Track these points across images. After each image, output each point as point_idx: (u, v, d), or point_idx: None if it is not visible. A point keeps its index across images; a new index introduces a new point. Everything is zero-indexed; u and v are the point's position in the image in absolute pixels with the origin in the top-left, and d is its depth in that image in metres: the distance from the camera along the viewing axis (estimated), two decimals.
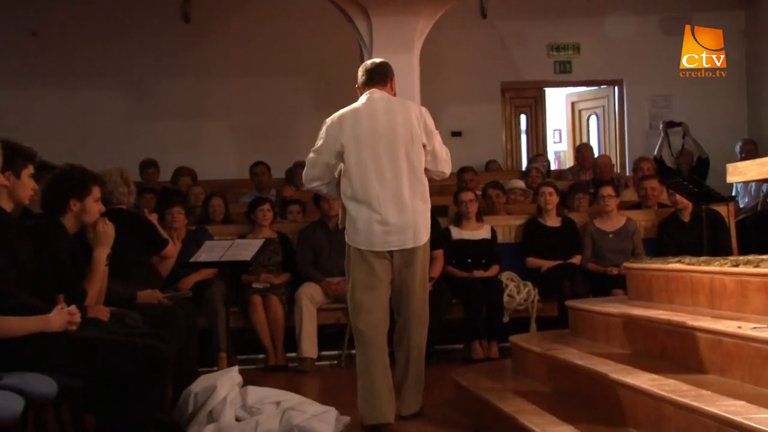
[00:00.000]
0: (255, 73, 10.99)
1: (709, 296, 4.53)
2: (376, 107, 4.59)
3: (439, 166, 4.69)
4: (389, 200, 4.51)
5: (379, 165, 4.52)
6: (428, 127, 4.62)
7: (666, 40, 11.26)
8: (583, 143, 11.33)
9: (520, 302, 6.98)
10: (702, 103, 11.12)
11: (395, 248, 4.55)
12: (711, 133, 10.73)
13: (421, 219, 4.58)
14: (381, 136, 4.53)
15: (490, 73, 11.27)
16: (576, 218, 7.54)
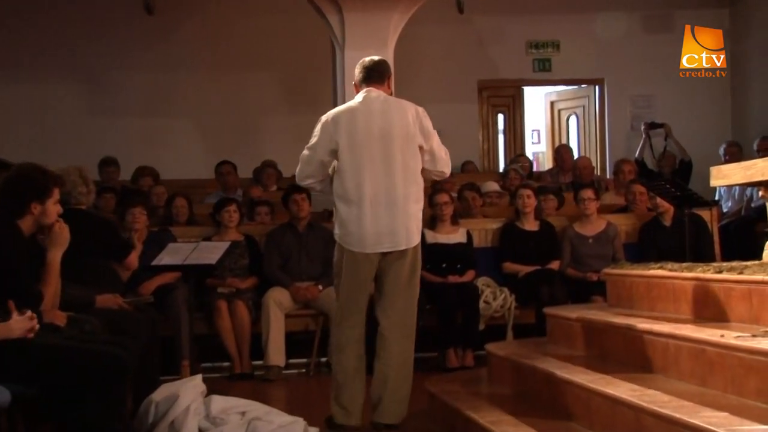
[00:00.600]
0: (222, 68, 10.95)
1: (691, 304, 4.57)
2: (373, 107, 4.67)
3: (438, 166, 4.74)
4: (382, 201, 4.59)
5: (372, 165, 4.59)
6: (425, 127, 4.67)
7: (648, 39, 11.37)
8: (562, 144, 11.39)
9: (497, 309, 7.00)
10: (685, 104, 11.22)
11: (386, 250, 4.61)
12: (694, 134, 10.83)
13: (413, 221, 4.65)
14: (376, 136, 4.61)
15: (467, 71, 11.31)
16: (555, 222, 7.58)
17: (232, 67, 10.93)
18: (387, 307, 4.69)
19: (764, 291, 3.99)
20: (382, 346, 4.69)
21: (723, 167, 5.23)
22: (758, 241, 7.43)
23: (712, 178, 5.24)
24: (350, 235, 4.64)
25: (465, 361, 6.70)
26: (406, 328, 4.71)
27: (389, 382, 4.65)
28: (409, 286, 4.70)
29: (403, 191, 4.60)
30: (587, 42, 11.36)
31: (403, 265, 4.65)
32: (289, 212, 7.23)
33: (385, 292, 4.69)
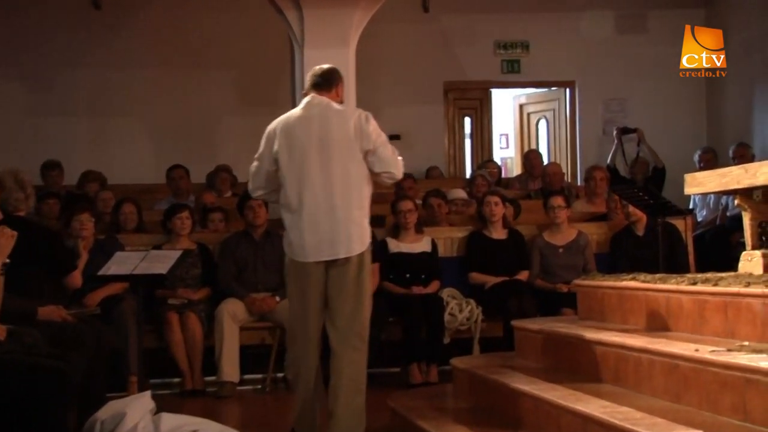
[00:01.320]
0: (174, 67, 10.89)
1: (664, 317, 4.62)
2: (312, 113, 4.83)
3: (384, 166, 4.81)
4: (321, 209, 4.73)
5: (311, 173, 4.75)
6: (366, 130, 4.79)
7: (622, 40, 11.48)
8: (531, 149, 11.46)
9: (463, 321, 7.02)
10: (658, 108, 11.34)
11: (327, 258, 4.74)
12: (668, 140, 10.93)
13: (355, 228, 4.76)
14: (314, 144, 4.77)
15: (432, 72, 11.34)
16: (524, 231, 7.62)
17: (185, 65, 10.88)
18: (334, 318, 4.77)
19: (740, 303, 4.05)
20: (332, 359, 4.77)
21: (698, 174, 5.29)
22: (734, 251, 7.53)
23: (686, 186, 5.30)
24: (292, 245, 4.82)
25: (429, 376, 6.71)
26: (355, 340, 4.76)
27: (341, 395, 4.70)
28: (356, 295, 4.77)
29: (342, 198, 4.74)
30: (558, 43, 11.45)
31: (347, 275, 4.75)
32: (244, 219, 7.20)
33: (331, 303, 4.78)
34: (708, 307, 4.27)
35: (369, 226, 4.87)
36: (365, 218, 4.81)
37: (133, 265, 5.98)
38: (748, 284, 4.09)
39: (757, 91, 10.31)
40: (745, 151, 9.24)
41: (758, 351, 3.68)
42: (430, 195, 8.03)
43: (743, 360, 3.51)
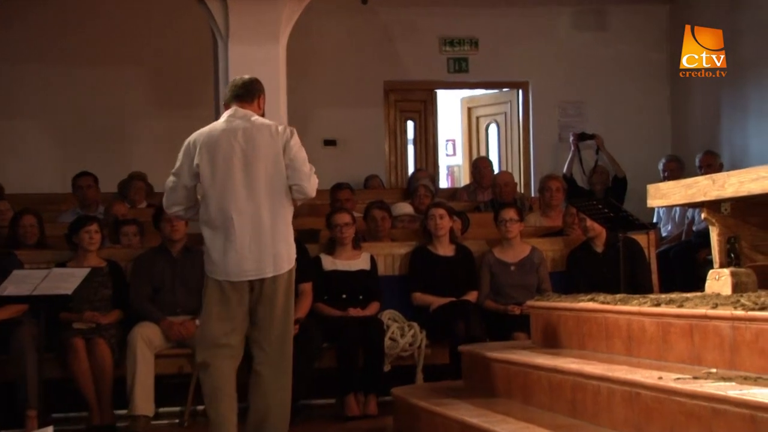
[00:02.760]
0: (79, 61, 10.76)
1: (626, 341, 4.67)
2: (236, 126, 5.10)
3: (296, 178, 5.04)
4: (246, 225, 4.99)
5: (234, 188, 5.02)
6: (288, 144, 5.06)
7: (579, 37, 11.63)
8: (480, 157, 11.53)
9: (405, 347, 7.03)
10: (619, 113, 11.49)
11: (252, 278, 4.98)
12: (629, 147, 11.09)
13: (282, 246, 5.02)
14: (239, 158, 5.04)
15: (372, 71, 11.37)
16: (472, 246, 7.66)
17: (93, 60, 10.76)
18: (261, 340, 5.00)
19: (707, 327, 4.11)
20: (257, 383, 4.95)
21: (662, 185, 5.37)
22: (700, 269, 7.66)
23: (649, 198, 5.38)
24: (214, 263, 5.05)
25: (368, 408, 6.70)
26: (284, 363, 5.00)
27: (267, 423, 4.88)
28: (284, 316, 5.02)
29: (269, 215, 5.01)
30: (509, 40, 11.55)
31: (275, 295, 4.99)
32: (161, 233, 7.13)
33: (258, 324, 5.00)
34: (672, 330, 4.33)
35: (293, 240, 5.10)
36: (290, 235, 5.06)
37: (33, 285, 5.89)
38: (715, 306, 4.16)
39: (724, 95, 10.50)
40: (712, 160, 9.39)
41: (726, 379, 3.75)
42: (372, 207, 8.03)
43: (710, 389, 3.56)
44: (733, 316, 3.97)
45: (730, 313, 4.00)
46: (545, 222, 8.80)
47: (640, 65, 11.62)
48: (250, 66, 7.45)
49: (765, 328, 3.80)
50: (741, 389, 3.51)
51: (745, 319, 3.92)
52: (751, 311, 3.92)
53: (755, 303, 4.04)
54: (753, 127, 9.96)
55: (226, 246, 5.00)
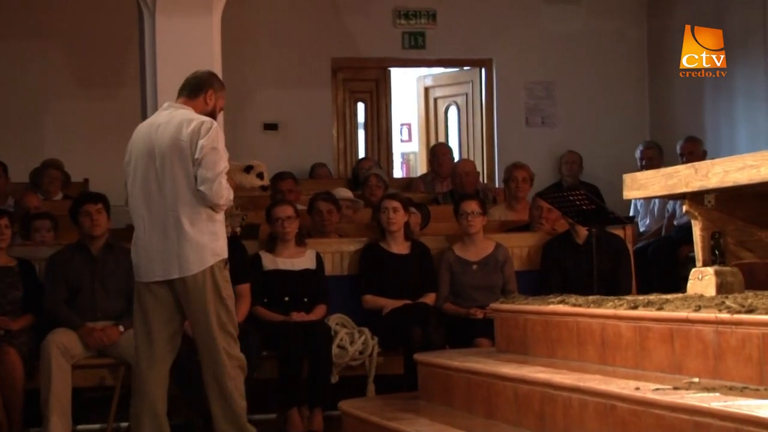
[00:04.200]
0: None
1: (599, 348, 4.70)
2: (158, 121, 5.48)
3: (200, 182, 5.29)
4: (154, 224, 5.39)
5: (147, 184, 5.41)
6: (198, 142, 5.32)
7: (548, 11, 11.67)
8: (439, 143, 11.55)
9: (354, 355, 7.02)
10: (592, 94, 11.56)
11: (159, 279, 5.39)
12: (603, 133, 11.18)
13: (188, 247, 5.32)
14: (152, 153, 5.41)
15: (318, 47, 11.34)
16: (430, 243, 7.66)
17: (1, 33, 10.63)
18: (197, 347, 5.42)
19: (689, 332, 4.14)
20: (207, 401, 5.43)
21: (639, 175, 5.41)
22: (682, 268, 7.74)
23: (625, 189, 5.41)
24: (133, 264, 5.52)
25: (313, 424, 6.69)
26: (216, 367, 5.35)
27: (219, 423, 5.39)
28: (204, 320, 5.34)
29: (174, 213, 5.34)
30: (470, 13, 11.58)
31: (189, 298, 5.36)
32: (79, 229, 7.07)
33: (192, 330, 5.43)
34: (651, 336, 4.36)
35: (218, 240, 5.38)
36: (204, 234, 5.35)
37: None
38: (698, 308, 4.20)
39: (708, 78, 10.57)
40: (695, 147, 9.47)
41: (710, 389, 3.78)
42: (317, 198, 8.00)
43: (692, 400, 3.59)
44: (718, 320, 4.01)
45: (715, 316, 4.03)
46: (511, 215, 8.83)
47: (616, 42, 11.69)
48: (179, 41, 7.42)
49: (752, 333, 3.84)
50: (725, 401, 3.54)
51: (730, 323, 3.95)
52: (737, 314, 3.95)
53: (741, 305, 4.08)
54: (740, 111, 10.05)
55: (137, 246, 5.46)
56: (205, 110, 5.50)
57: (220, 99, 5.61)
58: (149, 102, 7.60)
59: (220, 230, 5.43)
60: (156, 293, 5.40)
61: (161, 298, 5.40)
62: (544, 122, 11.60)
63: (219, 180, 5.29)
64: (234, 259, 5.72)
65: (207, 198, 5.31)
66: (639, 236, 9.21)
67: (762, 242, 5.13)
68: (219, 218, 5.42)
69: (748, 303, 4.13)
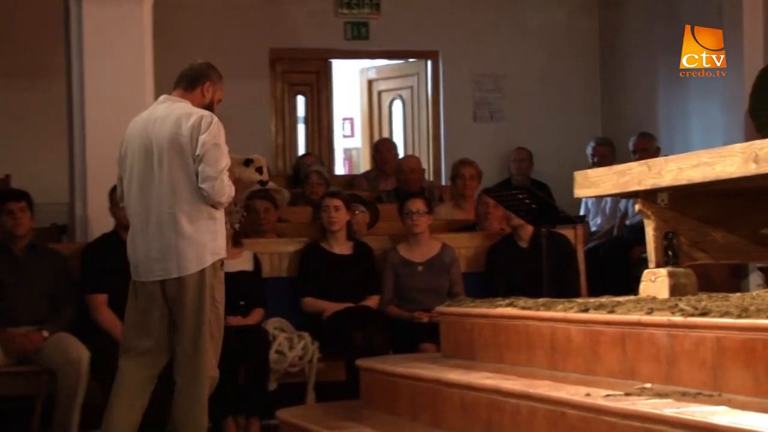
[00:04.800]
0: None
1: (549, 352, 4.72)
2: (155, 114, 5.53)
3: (201, 180, 5.34)
4: (151, 222, 5.41)
5: (143, 181, 5.44)
6: (200, 138, 5.35)
7: (496, 0, 11.70)
8: (383, 138, 11.55)
9: (294, 361, 7.01)
10: (542, 88, 11.60)
11: (158, 278, 5.41)
12: (553, 128, 11.23)
13: (189, 245, 5.36)
14: (148, 148, 5.44)
15: (255, 36, 11.29)
16: (373, 243, 7.67)
17: None
18: (175, 346, 5.41)
19: (641, 335, 4.18)
20: (174, 392, 5.43)
21: (590, 172, 5.44)
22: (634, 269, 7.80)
23: (576, 187, 5.44)
24: (129, 262, 5.53)
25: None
26: (196, 372, 5.36)
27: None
28: (194, 321, 5.36)
29: (170, 210, 5.36)
30: (416, 2, 11.58)
31: (182, 297, 5.36)
32: (0, 228, 7.00)
33: (174, 329, 5.42)
34: (602, 340, 4.39)
35: (218, 239, 5.43)
36: (204, 233, 5.39)
37: None
38: (650, 311, 4.23)
39: (662, 68, 10.67)
40: (648, 144, 9.55)
41: (662, 395, 3.81)
42: (254, 196, 7.98)
43: (644, 407, 3.62)
44: (671, 323, 4.04)
45: (668, 319, 4.06)
46: (458, 214, 8.86)
47: (567, 34, 11.75)
48: (107, 30, 7.38)
49: (706, 337, 3.88)
50: (679, 407, 3.57)
51: (684, 326, 3.99)
52: (690, 317, 3.99)
53: (695, 308, 4.12)
54: (694, 105, 10.14)
55: (134, 242, 5.48)
56: (202, 103, 5.56)
57: (218, 91, 5.69)
58: (75, 94, 7.54)
59: (220, 229, 5.47)
60: (152, 292, 5.44)
61: (157, 297, 5.43)
62: (492, 117, 11.62)
63: (221, 177, 5.33)
64: None
65: (209, 196, 5.34)
66: (590, 236, 9.27)
67: (716, 243, 5.18)
68: (219, 216, 5.46)
69: (701, 305, 4.17)
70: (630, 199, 7.77)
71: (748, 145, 4.29)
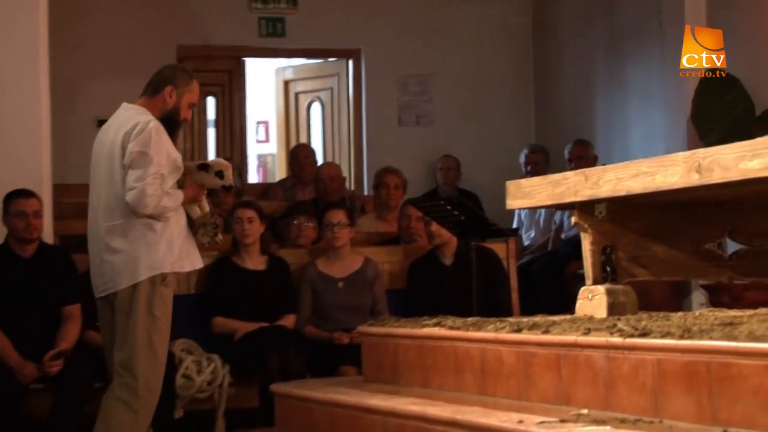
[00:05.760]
0: None
1: (479, 376, 4.74)
2: (110, 124, 5.70)
3: (127, 193, 5.42)
4: (93, 236, 5.60)
5: (91, 194, 5.65)
6: (128, 146, 5.45)
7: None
8: (300, 144, 11.54)
9: (202, 387, 6.98)
10: (472, 90, 11.64)
11: (101, 294, 5.58)
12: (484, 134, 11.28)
13: (121, 258, 5.48)
14: (97, 159, 5.66)
15: (161, 33, 11.22)
16: (289, 257, 7.65)
17: None
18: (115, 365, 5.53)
19: (577, 358, 4.21)
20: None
21: (523, 182, 5.48)
22: (569, 286, 7.87)
23: (508, 198, 5.48)
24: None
25: None
26: (126, 392, 5.45)
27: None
28: (132, 338, 5.44)
29: (104, 223, 5.53)
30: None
31: (118, 313, 5.49)
32: None
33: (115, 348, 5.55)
34: (536, 362, 4.42)
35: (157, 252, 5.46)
36: (139, 246, 5.46)
37: None
38: (588, 331, 4.27)
39: (600, 71, 10.77)
40: (585, 151, 9.64)
41: (600, 422, 3.85)
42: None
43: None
44: (609, 344, 4.08)
45: (605, 340, 4.10)
46: (381, 227, 8.88)
47: (499, 32, 11.82)
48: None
49: (647, 359, 3.91)
50: None
51: (622, 347, 4.02)
52: (629, 338, 4.02)
53: (635, 328, 4.15)
54: (633, 111, 10.23)
55: (90, 257, 5.67)
56: (165, 109, 5.69)
57: (185, 95, 5.75)
58: None
59: (161, 240, 5.49)
60: (102, 309, 5.64)
61: (104, 314, 5.63)
62: (418, 121, 11.65)
63: (143, 187, 5.38)
64: (61, 276, 5.72)
65: (132, 206, 5.42)
66: (523, 251, 9.34)
67: (657, 258, 5.24)
68: (160, 227, 5.48)
69: (641, 325, 4.21)
70: (566, 211, 7.87)
71: (690, 153, 4.33)
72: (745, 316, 4.64)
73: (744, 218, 5.26)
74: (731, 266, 5.37)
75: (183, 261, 5.63)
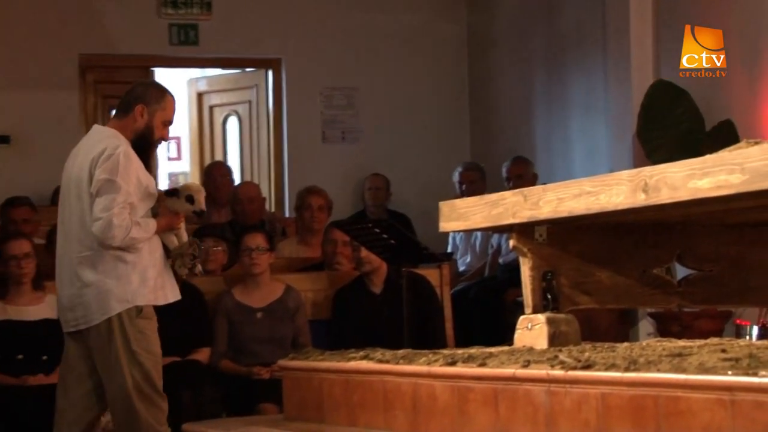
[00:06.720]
0: None
1: (410, 413, 4.76)
2: (79, 147, 5.77)
3: (92, 223, 5.45)
4: (62, 268, 5.65)
5: (61, 221, 5.69)
6: (95, 173, 5.48)
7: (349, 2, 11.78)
8: (215, 162, 11.52)
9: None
10: (402, 103, 11.69)
11: (72, 329, 5.61)
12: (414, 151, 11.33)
13: (91, 292, 5.50)
14: (66, 185, 5.70)
15: (62, 40, 11.17)
16: (204, 285, 7.63)
17: None
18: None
19: (516, 392, 4.24)
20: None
21: (458, 203, 5.50)
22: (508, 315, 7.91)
23: (442, 219, 5.50)
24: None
25: None
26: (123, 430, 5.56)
27: None
28: (118, 381, 5.48)
29: (74, 255, 5.56)
30: (254, 2, 11.60)
31: (96, 350, 5.52)
32: None
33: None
34: (472, 397, 4.44)
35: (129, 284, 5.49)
36: (110, 278, 5.49)
37: None
38: (527, 363, 4.29)
39: (539, 83, 10.85)
40: (524, 169, 9.71)
41: None
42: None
43: None
44: (550, 378, 4.11)
45: (546, 373, 4.13)
46: (304, 252, 8.88)
47: (430, 40, 11.87)
48: None
49: (590, 393, 3.95)
50: None
51: (564, 381, 4.05)
52: (572, 371, 4.06)
53: (578, 360, 4.18)
54: (575, 126, 10.32)
55: (57, 291, 5.74)
56: (137, 129, 5.69)
57: (157, 113, 5.70)
58: None
59: (133, 272, 5.52)
60: (68, 343, 5.67)
61: (70, 349, 5.66)
62: (344, 137, 11.67)
63: (109, 218, 5.39)
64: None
65: (98, 239, 5.44)
66: (458, 276, 9.38)
67: (602, 284, 5.27)
68: (131, 258, 5.51)
69: (585, 357, 4.24)
70: (503, 234, 7.90)
71: (636, 171, 4.36)
72: (695, 346, 4.68)
73: (694, 241, 5.31)
74: (680, 293, 5.41)
75: (158, 293, 5.64)
